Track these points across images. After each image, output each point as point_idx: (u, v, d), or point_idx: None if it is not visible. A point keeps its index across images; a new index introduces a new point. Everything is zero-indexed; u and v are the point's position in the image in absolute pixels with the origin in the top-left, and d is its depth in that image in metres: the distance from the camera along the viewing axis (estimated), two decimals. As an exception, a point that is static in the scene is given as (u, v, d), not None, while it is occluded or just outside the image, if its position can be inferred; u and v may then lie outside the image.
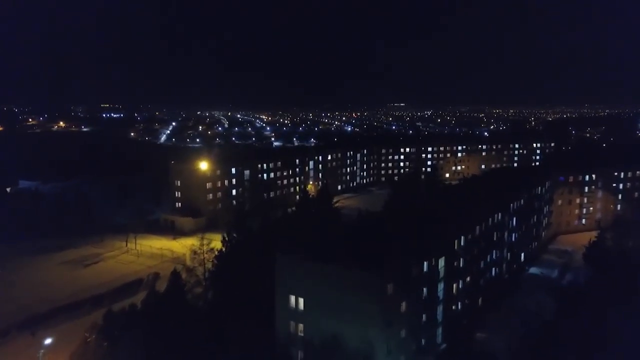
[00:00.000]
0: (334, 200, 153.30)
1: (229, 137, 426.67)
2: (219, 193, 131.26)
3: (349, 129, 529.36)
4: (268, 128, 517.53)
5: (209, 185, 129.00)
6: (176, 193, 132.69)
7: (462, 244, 70.57)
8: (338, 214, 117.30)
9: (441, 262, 64.40)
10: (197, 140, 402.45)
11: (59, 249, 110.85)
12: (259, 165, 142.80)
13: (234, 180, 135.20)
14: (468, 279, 72.89)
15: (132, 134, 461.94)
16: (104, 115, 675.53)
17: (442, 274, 64.73)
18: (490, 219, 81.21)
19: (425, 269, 60.47)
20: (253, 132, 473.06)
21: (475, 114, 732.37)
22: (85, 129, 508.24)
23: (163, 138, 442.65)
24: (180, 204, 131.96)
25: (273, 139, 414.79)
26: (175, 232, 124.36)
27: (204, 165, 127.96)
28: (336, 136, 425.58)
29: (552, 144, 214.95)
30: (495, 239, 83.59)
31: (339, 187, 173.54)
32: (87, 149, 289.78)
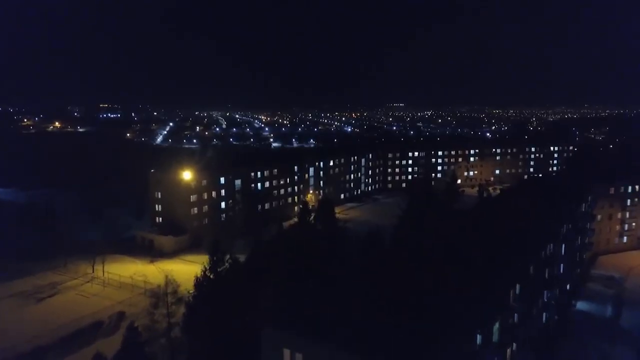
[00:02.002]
0: (337, 211, 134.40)
1: (227, 138, 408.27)
2: (206, 206, 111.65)
3: (349, 129, 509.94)
4: (266, 129, 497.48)
5: (193, 197, 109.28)
6: (156, 206, 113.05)
7: (517, 293, 51.21)
8: (344, 233, 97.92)
9: (496, 326, 45.06)
10: (194, 141, 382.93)
11: (13, 275, 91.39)
12: (252, 174, 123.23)
13: (222, 192, 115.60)
14: (522, 337, 53.54)
15: (128, 134, 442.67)
16: (101, 115, 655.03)
17: (495, 340, 45.41)
18: (542, 252, 61.85)
19: (478, 342, 41.09)
20: (251, 133, 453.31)
21: (476, 115, 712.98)
22: (81, 130, 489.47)
23: (159, 139, 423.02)
24: (160, 218, 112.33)
25: (272, 139, 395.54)
26: (153, 252, 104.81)
27: (187, 175, 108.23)
28: (336, 137, 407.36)
29: (571, 148, 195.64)
30: (547, 276, 64.22)
31: (342, 196, 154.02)
32: (77, 151, 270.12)
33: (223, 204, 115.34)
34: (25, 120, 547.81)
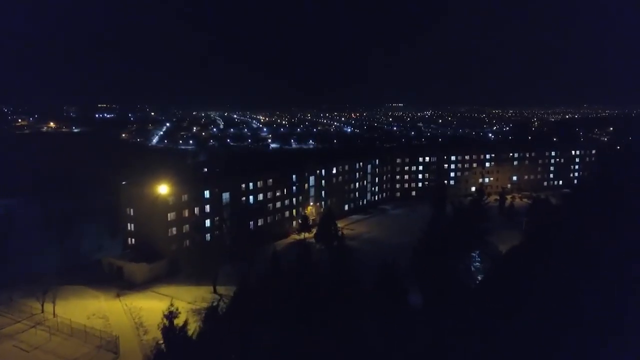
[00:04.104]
0: (341, 225, 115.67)
1: (224, 138, 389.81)
2: (186, 226, 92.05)
3: (349, 130, 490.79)
4: (265, 129, 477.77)
5: (171, 215, 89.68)
6: (128, 225, 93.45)
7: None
8: (351, 256, 78.66)
9: None
10: (191, 142, 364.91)
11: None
12: (243, 185, 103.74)
13: (207, 207, 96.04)
14: None
15: (123, 135, 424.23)
16: (98, 115, 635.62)
17: None
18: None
19: None
20: (249, 134, 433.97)
21: (476, 115, 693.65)
22: (75, 130, 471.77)
23: (155, 140, 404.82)
24: (133, 240, 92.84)
25: (270, 140, 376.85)
26: (122, 282, 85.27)
27: (164, 189, 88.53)
28: (335, 137, 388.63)
29: (593, 152, 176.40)
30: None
31: (346, 207, 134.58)
32: (63, 154, 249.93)
33: (208, 222, 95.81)
34: (20, 120, 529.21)
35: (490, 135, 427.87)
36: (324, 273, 73.24)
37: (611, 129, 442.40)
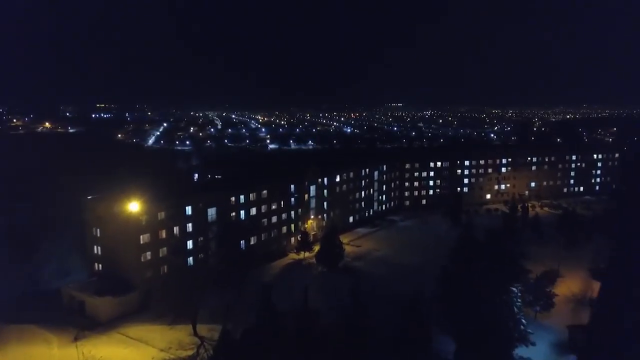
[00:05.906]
0: (345, 241, 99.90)
1: (222, 139, 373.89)
2: (164, 249, 75.65)
3: (348, 130, 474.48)
4: (263, 129, 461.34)
5: (145, 237, 73.27)
6: (95, 249, 77.08)
7: None
8: (361, 295, 62.25)
9: None
10: (187, 142, 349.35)
11: None
12: (233, 198, 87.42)
13: (189, 226, 79.61)
14: None
15: (119, 135, 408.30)
16: (96, 115, 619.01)
17: None
18: None
19: None
20: (247, 134, 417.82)
21: (476, 115, 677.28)
22: (71, 130, 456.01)
23: (151, 140, 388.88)
24: (100, 266, 76.53)
25: (268, 141, 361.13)
26: (84, 319, 68.96)
27: (135, 206, 72.04)
28: (335, 138, 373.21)
29: (616, 155, 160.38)
30: None
31: (351, 219, 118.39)
32: (50, 156, 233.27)
33: (190, 244, 79.48)
34: (15, 120, 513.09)
35: (492, 135, 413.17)
36: (328, 311, 57.78)
37: (614, 129, 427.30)
